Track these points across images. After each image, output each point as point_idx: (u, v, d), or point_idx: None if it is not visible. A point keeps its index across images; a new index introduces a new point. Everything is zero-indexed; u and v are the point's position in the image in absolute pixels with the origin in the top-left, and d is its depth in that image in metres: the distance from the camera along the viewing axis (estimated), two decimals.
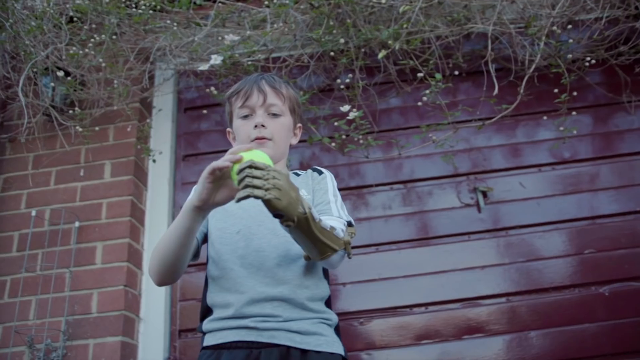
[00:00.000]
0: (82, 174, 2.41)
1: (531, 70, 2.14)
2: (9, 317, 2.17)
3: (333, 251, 1.08)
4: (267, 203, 0.91)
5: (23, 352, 2.09)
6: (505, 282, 2.24)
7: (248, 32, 2.27)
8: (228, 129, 1.43)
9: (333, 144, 2.22)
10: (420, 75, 2.03)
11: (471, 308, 2.22)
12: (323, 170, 1.37)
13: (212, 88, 2.28)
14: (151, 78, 2.63)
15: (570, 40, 2.18)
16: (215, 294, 1.20)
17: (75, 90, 2.30)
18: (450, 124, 2.20)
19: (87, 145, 2.42)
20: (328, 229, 1.07)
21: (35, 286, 2.20)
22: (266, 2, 2.34)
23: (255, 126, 1.28)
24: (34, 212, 2.26)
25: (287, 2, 2.24)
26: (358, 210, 2.46)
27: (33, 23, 2.03)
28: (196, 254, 1.27)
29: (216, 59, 2.16)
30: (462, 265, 2.29)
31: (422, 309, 2.24)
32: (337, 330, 1.24)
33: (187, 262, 1.19)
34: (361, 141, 2.21)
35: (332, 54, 2.23)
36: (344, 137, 2.25)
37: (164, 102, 2.70)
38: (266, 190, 0.90)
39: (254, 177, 0.91)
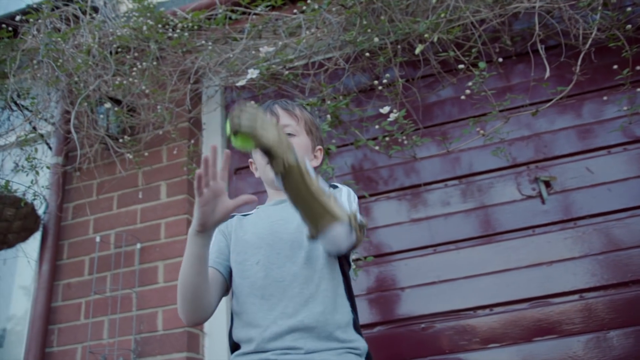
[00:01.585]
0: (140, 196, 2.52)
1: (587, 46, 1.95)
2: (86, 337, 2.31)
3: (333, 218, 1.00)
4: (254, 137, 0.92)
5: None
6: (577, 278, 2.07)
7: (282, 42, 2.26)
8: (250, 160, 1.43)
9: (377, 147, 2.16)
10: (461, 67, 1.90)
11: (541, 308, 2.07)
12: (339, 185, 1.32)
13: (253, 102, 2.28)
14: (198, 96, 2.69)
15: (629, 9, 1.96)
16: (239, 330, 1.19)
17: (126, 117, 2.40)
18: (500, 114, 2.05)
19: (143, 168, 2.52)
20: (327, 193, 1.01)
21: (106, 307, 2.33)
22: (295, 10, 2.31)
23: None
24: (98, 237, 2.39)
25: (317, 7, 2.20)
26: (414, 210, 2.36)
27: (80, 60, 2.14)
28: (227, 290, 1.27)
29: (252, 73, 2.16)
30: (527, 262, 2.14)
31: (487, 310, 2.12)
32: (369, 358, 1.18)
33: (210, 295, 1.18)
34: (405, 141, 2.12)
35: (367, 54, 2.16)
36: (387, 138, 2.18)
37: (212, 118, 2.75)
38: (251, 122, 0.92)
39: (241, 112, 0.94)
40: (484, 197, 2.31)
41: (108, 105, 2.27)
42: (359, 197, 2.38)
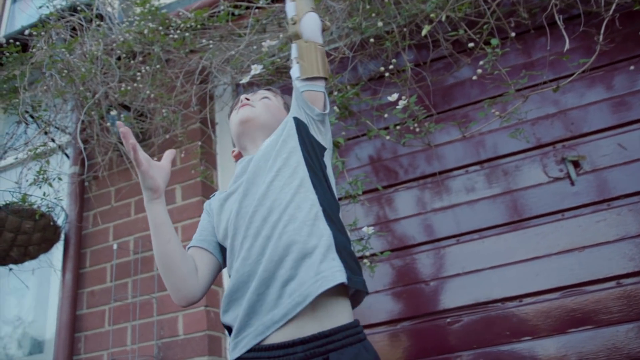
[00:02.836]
0: None
1: (610, 12, 1.79)
2: (108, 344, 2.32)
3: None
4: None
5: None
6: (613, 263, 1.92)
7: (286, 35, 2.18)
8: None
9: (388, 137, 2.06)
10: (471, 45, 1.78)
11: (574, 297, 1.93)
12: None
13: None
14: (209, 96, 2.65)
15: None
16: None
17: (136, 123, 2.39)
18: (519, 92, 1.92)
19: None
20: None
21: (128, 313, 2.33)
22: None
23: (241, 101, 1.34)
24: (115, 245, 2.39)
25: None
26: (435, 199, 2.25)
27: (84, 69, 2.13)
28: (220, 267, 1.25)
29: (256, 69, 2.09)
30: (557, 249, 2.01)
31: (516, 302, 2.01)
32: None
33: (189, 268, 1.15)
34: (417, 129, 2.02)
35: (372, 40, 2.06)
36: (398, 127, 2.07)
37: (224, 117, 2.71)
38: None
39: None
40: (507, 181, 2.18)
41: (114, 112, 2.25)
42: (373, 190, 2.31)
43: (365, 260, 1.99)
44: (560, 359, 1.88)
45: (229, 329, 1.13)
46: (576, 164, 2.08)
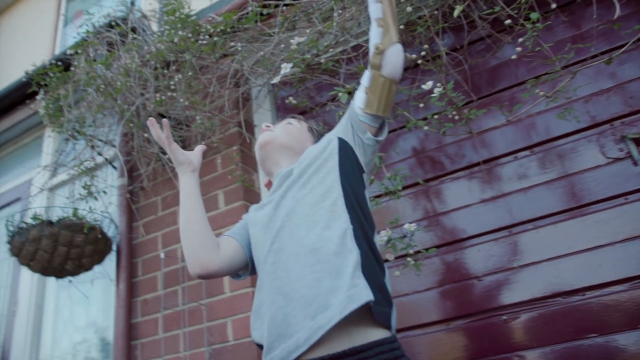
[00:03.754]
0: None
1: None
2: (165, 351, 2.36)
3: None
4: None
5: None
6: None
7: (314, 29, 2.12)
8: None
9: (426, 127, 1.95)
10: (508, 22, 1.65)
11: None
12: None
13: (291, 98, 2.18)
14: (246, 98, 2.64)
15: None
16: None
17: (175, 131, 2.41)
18: (565, 69, 1.77)
19: (201, 179, 2.52)
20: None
21: (179, 320, 2.36)
22: None
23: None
24: (162, 254, 2.43)
25: None
26: (483, 189, 2.12)
27: (119, 83, 2.17)
28: (246, 267, 1.25)
29: (286, 67, 2.05)
30: (622, 236, 1.83)
31: (579, 296, 1.85)
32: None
33: (212, 239, 1.19)
34: (456, 117, 1.90)
35: (401, 27, 1.96)
36: (435, 116, 1.96)
37: (261, 118, 2.69)
38: None
39: None
40: (562, 166, 2.01)
41: (148, 120, 2.28)
42: (417, 184, 2.21)
43: (409, 259, 1.90)
44: (633, 356, 1.71)
45: (260, 346, 1.11)
46: (638, 142, 1.89)
